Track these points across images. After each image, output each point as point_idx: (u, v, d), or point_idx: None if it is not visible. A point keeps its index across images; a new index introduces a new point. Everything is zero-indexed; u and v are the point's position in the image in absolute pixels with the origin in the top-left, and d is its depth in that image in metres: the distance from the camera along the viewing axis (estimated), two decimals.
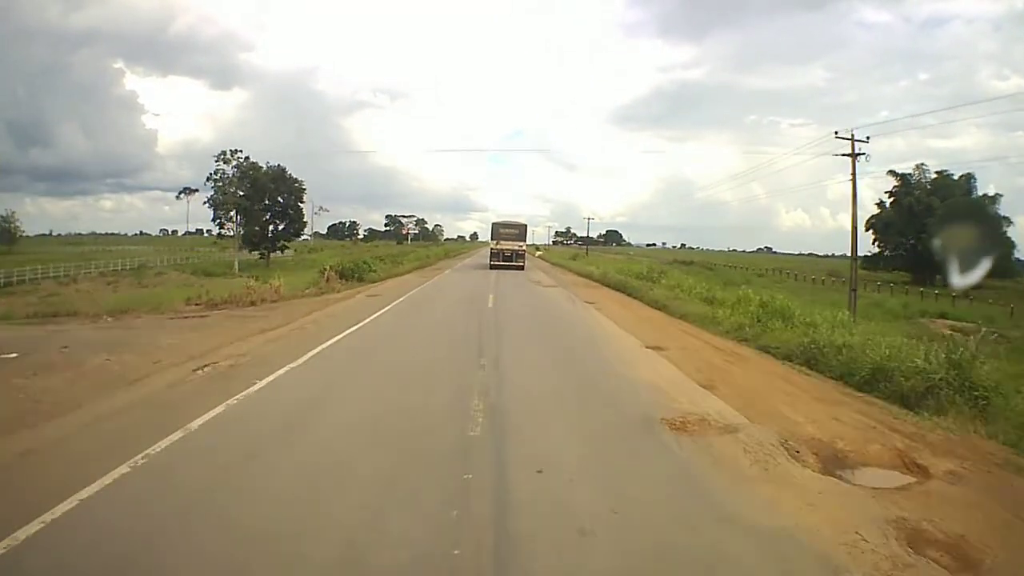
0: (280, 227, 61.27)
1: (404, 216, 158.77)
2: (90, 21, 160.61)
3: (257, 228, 60.22)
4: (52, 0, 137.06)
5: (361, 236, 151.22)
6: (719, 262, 77.31)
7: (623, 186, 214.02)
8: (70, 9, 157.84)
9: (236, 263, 55.71)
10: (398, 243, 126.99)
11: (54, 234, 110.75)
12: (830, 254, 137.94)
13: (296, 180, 61.19)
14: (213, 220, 57.31)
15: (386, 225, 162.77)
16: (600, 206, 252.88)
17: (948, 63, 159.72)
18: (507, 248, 41.34)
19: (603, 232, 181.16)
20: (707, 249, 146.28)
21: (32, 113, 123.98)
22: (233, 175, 57.13)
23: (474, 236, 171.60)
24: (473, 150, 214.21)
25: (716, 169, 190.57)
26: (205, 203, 56.58)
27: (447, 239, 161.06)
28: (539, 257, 70.68)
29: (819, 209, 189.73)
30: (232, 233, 57.88)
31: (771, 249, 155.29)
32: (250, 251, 61.68)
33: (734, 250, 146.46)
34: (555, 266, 50.57)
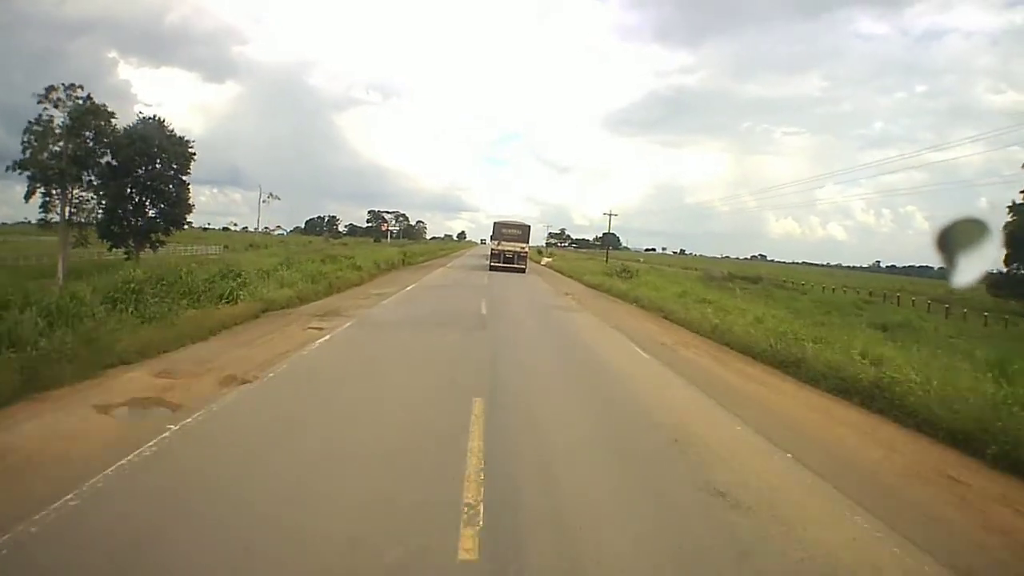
0: (153, 212, 37.56)
1: (386, 212, 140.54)
2: (85, 10, 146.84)
3: (119, 212, 36.47)
4: None
5: (342, 231, 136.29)
6: (762, 273, 55.91)
7: (615, 190, 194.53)
8: None
9: (60, 267, 31.70)
10: (375, 240, 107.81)
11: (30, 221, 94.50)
12: (826, 263, 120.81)
13: (180, 140, 37.29)
14: (26, 198, 33.14)
15: (368, 221, 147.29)
16: (592, 209, 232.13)
17: (945, 76, 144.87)
18: (508, 249, 35.82)
19: (599, 235, 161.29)
20: (701, 255, 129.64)
21: (25, 100, 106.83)
22: (63, 125, 33.26)
23: (461, 235, 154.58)
24: (465, 151, 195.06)
25: (710, 175, 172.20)
26: (9, 168, 32.44)
27: (433, 237, 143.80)
28: (547, 266, 46.95)
29: (808, 218, 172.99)
30: (60, 218, 33.77)
31: (765, 256, 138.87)
32: (111, 246, 37.64)
33: (727, 256, 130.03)
34: (594, 291, 23.71)
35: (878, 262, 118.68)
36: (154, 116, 37.63)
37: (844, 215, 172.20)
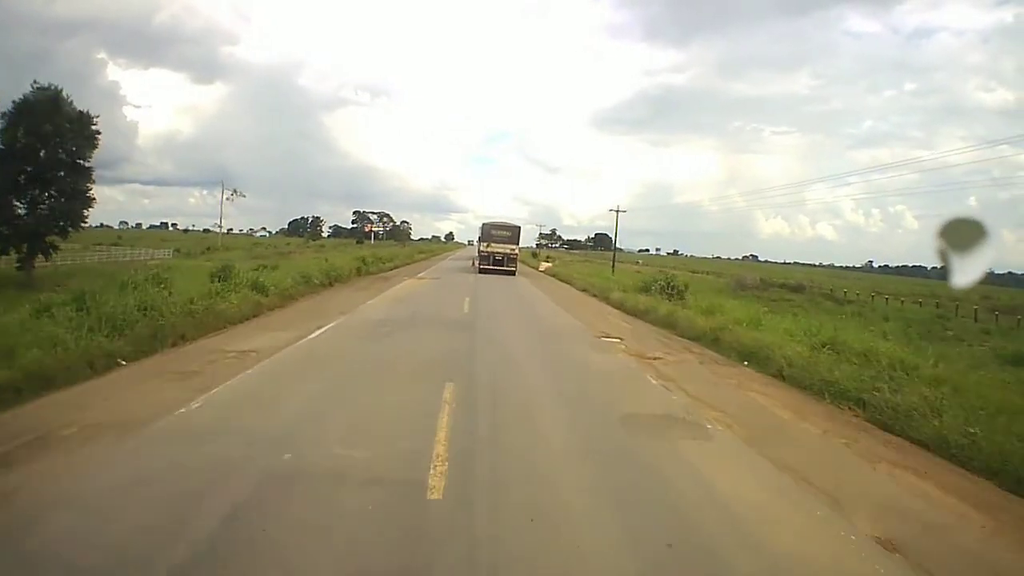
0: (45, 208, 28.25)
1: (372, 213, 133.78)
2: (74, 11, 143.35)
3: (6, 209, 27.38)
4: None
5: (326, 233, 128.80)
6: (800, 279, 47.37)
7: (605, 190, 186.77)
8: None
9: None
10: (358, 242, 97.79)
11: None
12: (818, 263, 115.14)
13: (80, 117, 27.97)
14: None
15: (353, 222, 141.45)
16: (581, 209, 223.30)
17: (936, 74, 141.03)
18: (498, 251, 33.21)
19: (591, 235, 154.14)
20: (692, 255, 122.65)
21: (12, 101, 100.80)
22: None
23: (449, 236, 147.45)
24: (455, 151, 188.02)
25: (700, 175, 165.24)
26: None
27: (421, 238, 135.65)
28: (548, 274, 37.97)
29: (799, 217, 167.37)
30: None
31: (756, 257, 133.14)
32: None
33: (718, 257, 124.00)
34: (648, 326, 14.14)
35: (871, 262, 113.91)
36: (50, 85, 28.08)
37: (835, 214, 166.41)
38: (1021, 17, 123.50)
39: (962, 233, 2.17)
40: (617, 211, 44.43)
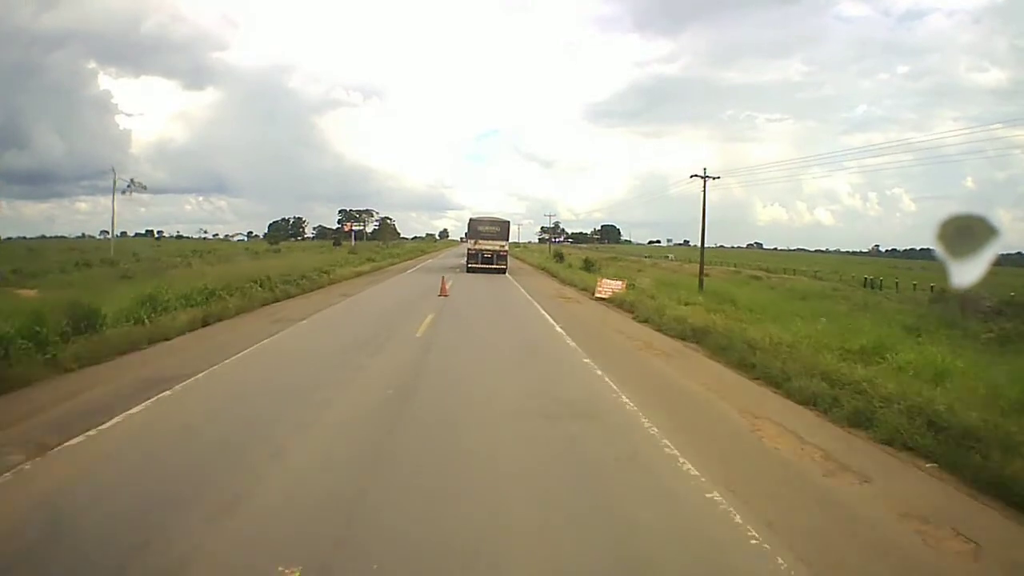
0: None
1: (356, 211, 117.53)
2: (63, 22, 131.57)
3: None
4: (24, 0, 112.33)
5: (310, 234, 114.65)
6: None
7: (600, 182, 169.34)
8: (42, 9, 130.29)
9: None
10: (335, 244, 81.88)
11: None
12: (824, 249, 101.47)
13: None
14: None
15: (339, 222, 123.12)
16: (577, 202, 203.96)
17: (928, 56, 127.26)
18: (487, 248, 31.25)
19: (597, 228, 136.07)
20: (695, 245, 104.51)
21: (5, 115, 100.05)
22: None
23: (444, 233, 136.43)
24: (449, 149, 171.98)
25: (696, 164, 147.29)
26: None
27: (415, 237, 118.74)
28: (614, 300, 17.42)
29: (798, 203, 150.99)
30: None
31: (760, 245, 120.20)
32: None
33: (722, 246, 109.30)
34: None
35: (877, 246, 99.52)
36: None
37: (833, 199, 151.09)
38: None
39: (963, 231, 1.92)
40: (704, 177, 24.60)
